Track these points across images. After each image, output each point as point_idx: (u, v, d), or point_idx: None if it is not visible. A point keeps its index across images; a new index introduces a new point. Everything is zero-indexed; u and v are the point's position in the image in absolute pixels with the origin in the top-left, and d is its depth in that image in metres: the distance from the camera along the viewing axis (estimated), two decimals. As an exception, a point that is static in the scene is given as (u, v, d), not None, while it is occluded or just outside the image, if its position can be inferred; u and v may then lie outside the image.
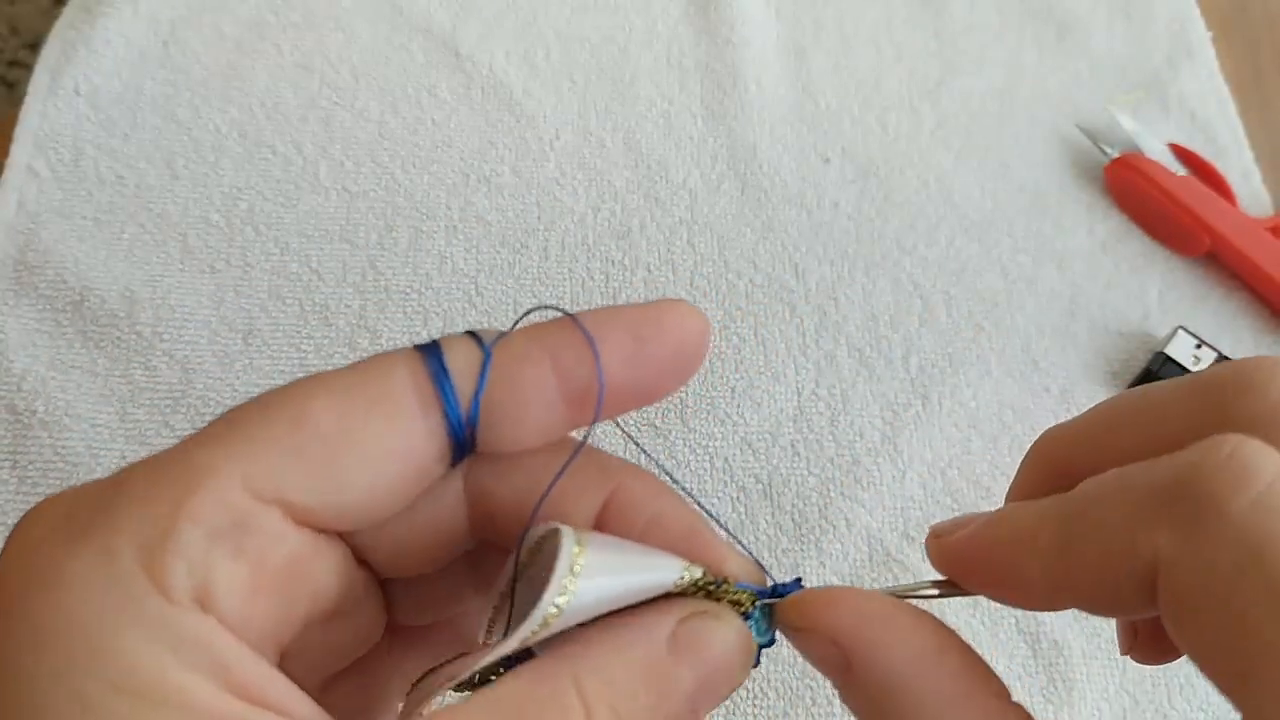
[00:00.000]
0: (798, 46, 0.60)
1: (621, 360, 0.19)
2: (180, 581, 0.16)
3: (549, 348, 0.19)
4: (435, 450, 0.18)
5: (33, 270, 0.48)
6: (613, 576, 0.18)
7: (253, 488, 0.17)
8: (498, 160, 0.54)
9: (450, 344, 0.19)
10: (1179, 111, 0.58)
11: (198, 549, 0.16)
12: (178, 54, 0.56)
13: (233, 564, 0.16)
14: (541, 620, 0.17)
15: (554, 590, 0.17)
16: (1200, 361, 0.47)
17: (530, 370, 0.19)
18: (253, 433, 0.17)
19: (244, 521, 0.17)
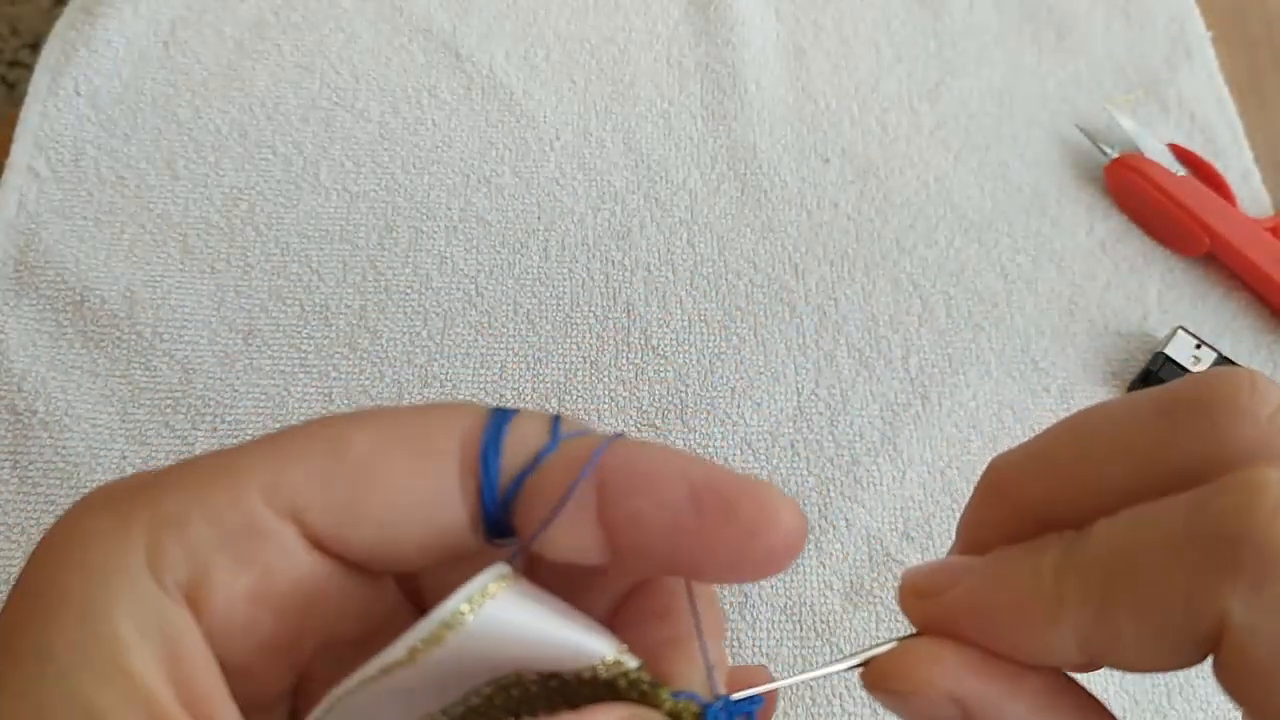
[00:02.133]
0: (797, 47, 0.60)
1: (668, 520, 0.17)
2: (175, 569, 0.16)
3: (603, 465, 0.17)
4: (465, 518, 0.17)
5: (33, 270, 0.48)
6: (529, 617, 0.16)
7: (271, 499, 0.17)
8: (498, 161, 0.54)
9: (524, 417, 0.18)
10: (1178, 112, 0.58)
11: (201, 543, 0.16)
12: (178, 54, 0.56)
13: (235, 568, 0.16)
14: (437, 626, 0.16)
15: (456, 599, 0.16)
16: (1200, 361, 0.47)
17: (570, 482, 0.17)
18: (287, 447, 0.17)
19: (256, 529, 0.16)
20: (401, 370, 0.47)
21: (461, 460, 0.17)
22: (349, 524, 0.17)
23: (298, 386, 0.46)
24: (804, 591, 0.43)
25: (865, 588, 0.43)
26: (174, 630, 0.16)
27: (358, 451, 0.17)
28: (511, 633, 0.16)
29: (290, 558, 0.17)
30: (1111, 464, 0.18)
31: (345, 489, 0.17)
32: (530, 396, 0.47)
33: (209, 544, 0.16)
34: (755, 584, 0.43)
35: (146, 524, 0.16)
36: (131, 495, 0.17)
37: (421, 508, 0.17)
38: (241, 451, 0.17)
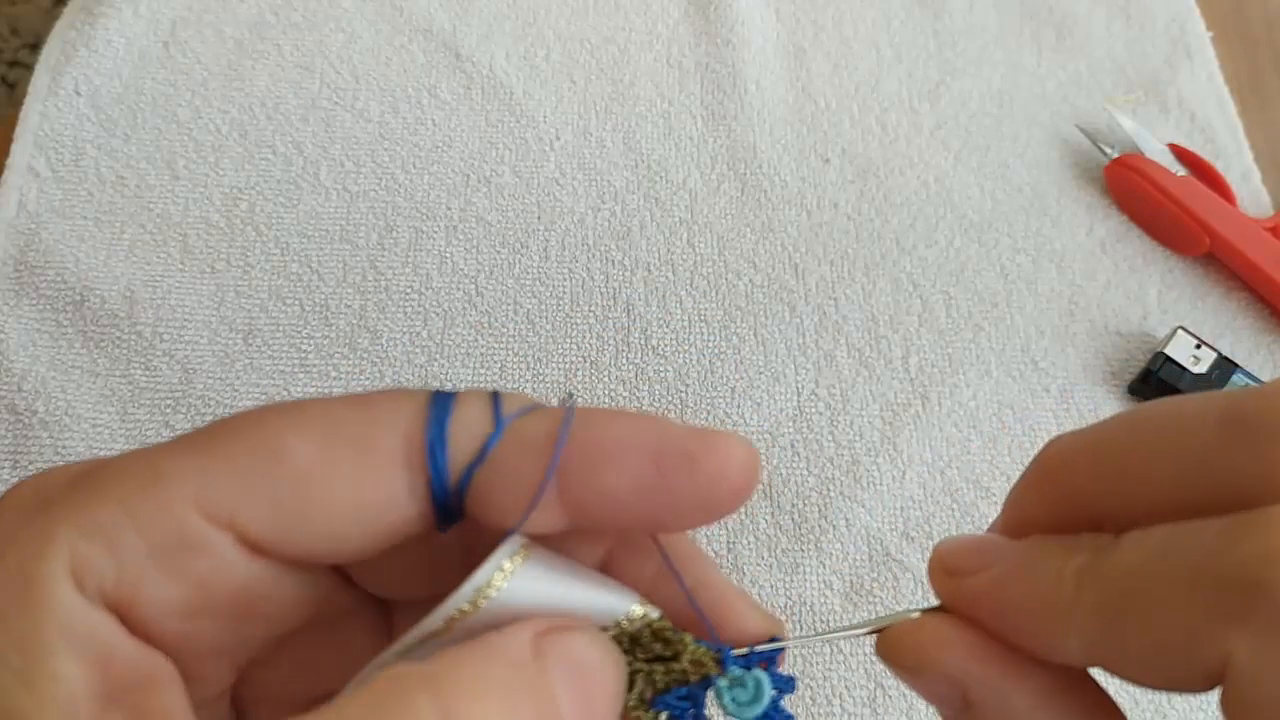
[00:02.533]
0: (797, 47, 0.60)
1: (630, 487, 0.17)
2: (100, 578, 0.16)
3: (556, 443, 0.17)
4: (415, 510, 0.17)
5: (33, 270, 0.48)
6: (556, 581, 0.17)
7: (206, 508, 0.16)
8: (498, 161, 0.54)
9: (464, 402, 0.17)
10: (1178, 112, 0.58)
11: (131, 555, 0.16)
12: (178, 54, 0.56)
13: (168, 581, 0.16)
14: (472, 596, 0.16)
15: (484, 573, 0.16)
16: (1200, 362, 0.47)
17: (525, 465, 0.17)
18: (221, 451, 0.16)
19: (188, 541, 0.16)
20: (401, 370, 0.47)
21: (407, 456, 0.17)
22: (292, 531, 0.16)
23: (298, 386, 0.46)
24: (804, 591, 0.43)
25: (865, 587, 0.43)
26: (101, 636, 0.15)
27: (298, 459, 0.16)
28: (539, 598, 0.17)
29: (227, 567, 0.16)
30: (1164, 467, 0.17)
31: (287, 498, 0.16)
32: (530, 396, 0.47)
33: (139, 555, 0.16)
34: (754, 585, 0.43)
35: (70, 531, 0.15)
36: (55, 502, 0.16)
37: (368, 510, 0.17)
38: (169, 453, 0.16)
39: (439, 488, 0.17)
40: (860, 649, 0.42)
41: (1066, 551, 0.17)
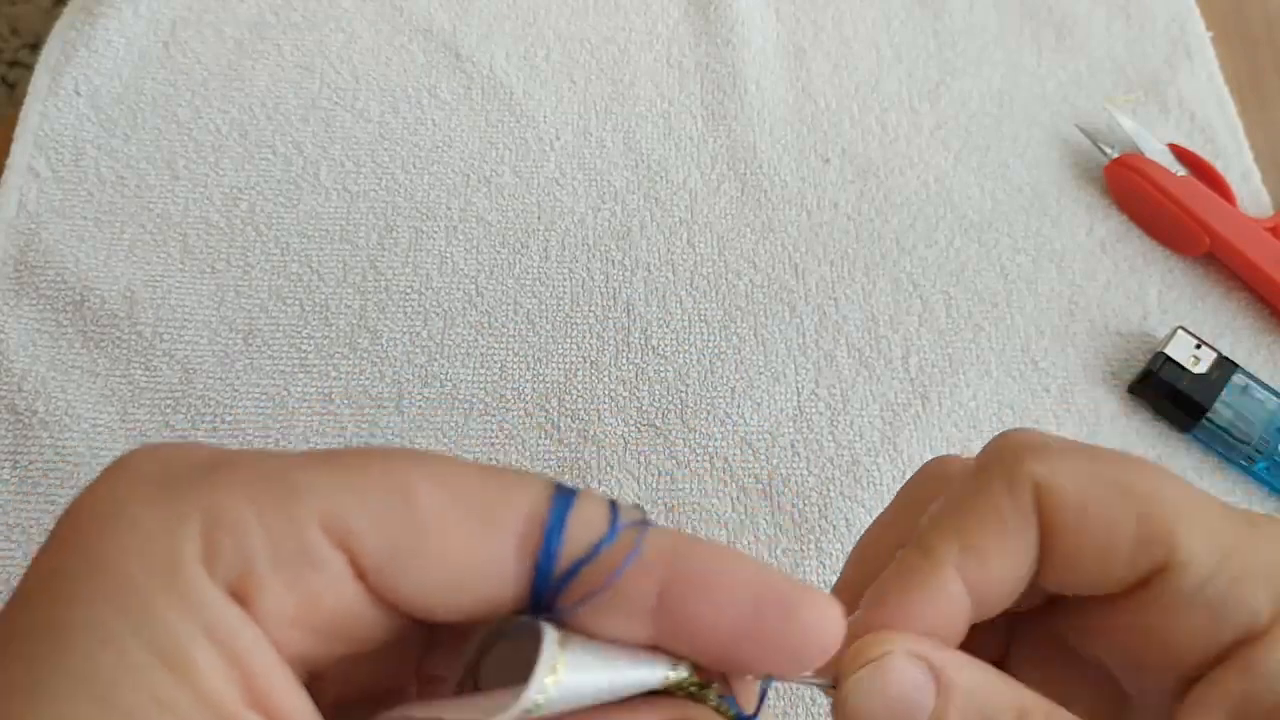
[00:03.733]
0: (797, 47, 0.60)
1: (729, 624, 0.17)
2: (229, 571, 0.16)
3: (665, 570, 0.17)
4: (514, 590, 0.17)
5: (33, 270, 0.48)
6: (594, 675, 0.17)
7: (329, 526, 0.16)
8: (498, 161, 0.54)
9: (584, 501, 0.18)
10: (1178, 112, 0.58)
11: (256, 558, 0.16)
12: (178, 54, 0.56)
13: (283, 591, 0.16)
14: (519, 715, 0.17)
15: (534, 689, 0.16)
16: (1200, 362, 0.47)
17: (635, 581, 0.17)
18: (350, 477, 0.17)
19: (309, 556, 0.16)
20: (402, 370, 0.47)
21: (522, 537, 0.17)
22: (401, 574, 0.17)
23: (298, 386, 0.46)
24: (804, 591, 0.43)
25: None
26: (235, 630, 0.16)
27: (424, 505, 0.17)
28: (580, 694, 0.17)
29: (337, 587, 0.17)
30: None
31: (406, 541, 0.17)
32: (530, 396, 0.47)
33: (263, 558, 0.16)
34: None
35: (201, 520, 0.16)
36: (185, 484, 0.16)
37: (474, 576, 0.17)
38: (301, 465, 0.17)
39: (543, 577, 0.17)
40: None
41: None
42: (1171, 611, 0.21)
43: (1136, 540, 0.21)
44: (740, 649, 0.17)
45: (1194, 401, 0.47)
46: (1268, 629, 0.20)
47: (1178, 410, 0.47)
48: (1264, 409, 0.47)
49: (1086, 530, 0.21)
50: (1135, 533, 0.21)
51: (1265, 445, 0.46)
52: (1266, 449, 0.46)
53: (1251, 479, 0.47)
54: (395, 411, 0.46)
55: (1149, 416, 0.49)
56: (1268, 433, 0.46)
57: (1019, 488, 0.22)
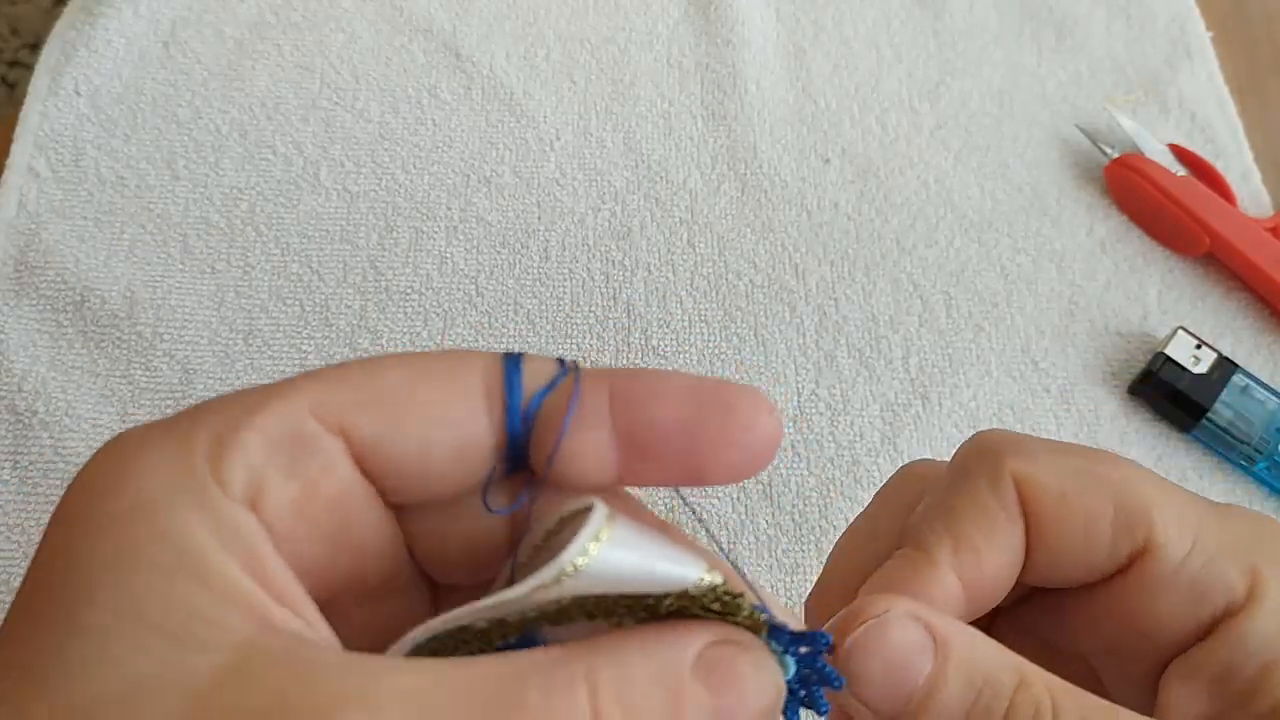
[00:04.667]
0: (797, 47, 0.60)
1: (675, 422, 0.19)
2: (237, 479, 0.17)
3: (612, 379, 0.19)
4: (490, 441, 0.19)
5: (33, 271, 0.48)
6: (634, 555, 0.18)
7: (319, 413, 0.18)
8: (498, 161, 0.54)
9: (532, 359, 0.20)
10: (1178, 112, 0.58)
11: (257, 455, 0.17)
12: (178, 54, 0.56)
13: (286, 479, 0.17)
14: (556, 575, 0.17)
15: (576, 549, 0.17)
16: (1200, 362, 0.47)
17: (588, 396, 0.19)
18: (328, 375, 0.18)
19: (305, 440, 0.18)
20: (402, 370, 0.47)
21: (486, 388, 0.19)
22: (389, 439, 0.18)
23: (298, 387, 0.46)
24: (804, 592, 0.43)
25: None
26: (249, 535, 0.17)
27: (393, 379, 0.18)
28: (619, 569, 0.18)
29: (334, 470, 0.18)
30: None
31: (387, 407, 0.18)
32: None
33: (263, 454, 0.17)
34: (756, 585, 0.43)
35: (205, 440, 0.17)
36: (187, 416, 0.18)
37: (452, 426, 0.19)
38: (286, 380, 0.18)
39: (513, 412, 0.19)
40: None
41: None
42: (1153, 593, 0.22)
43: (1116, 526, 0.22)
44: (692, 454, 0.19)
45: (1194, 402, 0.47)
46: (1244, 604, 0.21)
47: (1178, 410, 0.47)
48: (1264, 409, 0.47)
49: (1069, 519, 0.22)
50: (1115, 519, 0.22)
51: (1265, 445, 0.46)
52: (1266, 449, 0.46)
53: (1251, 479, 0.47)
54: (395, 412, 0.46)
55: (1149, 416, 0.49)
56: (1268, 433, 0.46)
57: (1002, 483, 0.22)
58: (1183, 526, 0.22)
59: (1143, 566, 0.22)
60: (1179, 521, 0.22)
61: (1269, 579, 0.21)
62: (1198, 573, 0.21)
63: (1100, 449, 0.24)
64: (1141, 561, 0.22)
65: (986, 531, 0.22)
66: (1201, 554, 0.22)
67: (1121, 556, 0.22)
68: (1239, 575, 0.21)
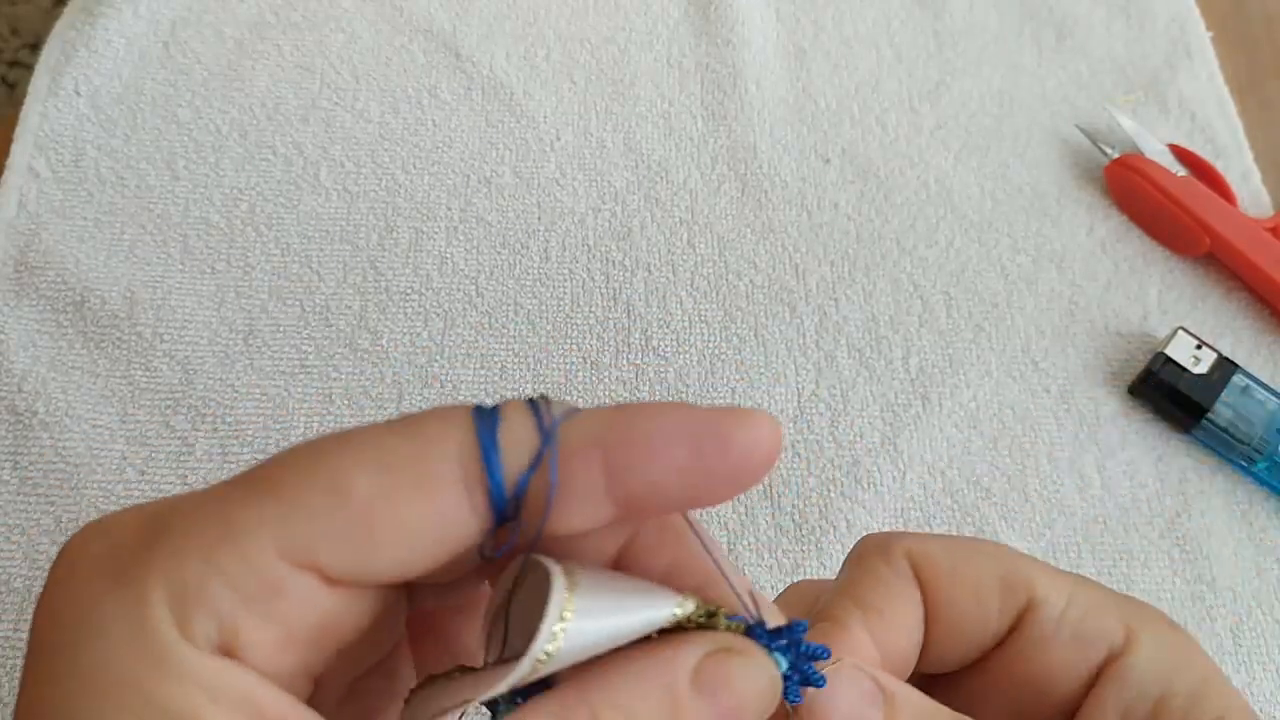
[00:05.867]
0: (797, 47, 0.60)
1: (674, 473, 0.18)
2: (207, 633, 0.16)
3: (603, 444, 0.18)
4: (476, 526, 0.18)
5: (33, 271, 0.48)
6: (604, 620, 0.18)
7: (287, 553, 0.17)
8: (498, 161, 0.54)
9: (508, 414, 0.18)
10: (1178, 112, 0.58)
11: (227, 607, 0.16)
12: (178, 55, 0.56)
13: (262, 625, 0.17)
14: (529, 668, 0.17)
15: (543, 638, 0.17)
16: (1200, 362, 0.47)
17: (578, 467, 0.18)
18: (290, 496, 0.17)
19: (276, 586, 0.17)
20: (402, 371, 0.47)
21: (463, 476, 0.18)
22: (366, 563, 0.17)
23: (298, 387, 0.46)
24: (804, 592, 0.43)
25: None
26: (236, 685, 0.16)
27: (360, 491, 0.17)
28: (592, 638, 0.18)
29: (311, 602, 0.17)
30: None
31: (358, 533, 0.17)
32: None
33: (233, 605, 0.16)
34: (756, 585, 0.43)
35: (166, 591, 0.16)
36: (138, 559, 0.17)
37: (433, 531, 0.18)
38: (240, 501, 0.17)
39: (498, 500, 0.18)
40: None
41: None
42: (1041, 646, 0.23)
43: (1003, 588, 0.24)
44: (694, 490, 0.18)
45: (1194, 402, 0.47)
46: (1125, 647, 0.23)
47: (1178, 410, 0.47)
48: (1264, 409, 0.47)
49: (960, 584, 0.24)
50: (1001, 583, 0.24)
51: (1265, 445, 0.46)
52: (1266, 449, 0.46)
53: (1251, 479, 0.47)
54: (395, 412, 0.46)
55: (1149, 416, 0.49)
56: (1268, 433, 0.46)
57: (895, 558, 0.24)
58: (1059, 587, 0.24)
59: (1029, 622, 0.23)
60: (1054, 583, 0.24)
61: (1141, 625, 0.23)
62: (1078, 624, 0.23)
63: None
64: (1027, 618, 0.23)
65: (888, 597, 0.23)
66: (1078, 607, 0.23)
67: (1010, 616, 0.24)
68: (1115, 623, 0.23)
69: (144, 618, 0.16)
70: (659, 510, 0.19)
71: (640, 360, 0.48)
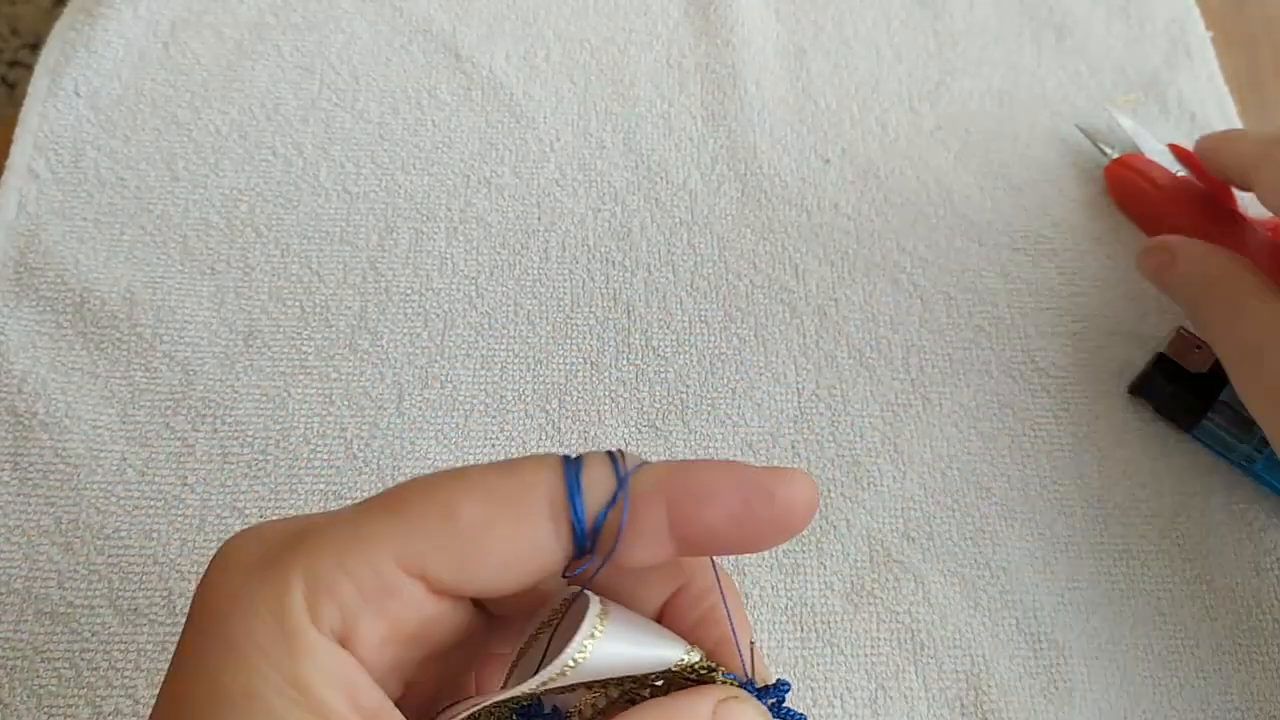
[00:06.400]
0: (797, 48, 0.60)
1: (726, 519, 0.22)
2: (332, 621, 0.20)
3: (667, 491, 0.22)
4: (560, 554, 0.22)
5: (33, 272, 0.48)
6: (625, 646, 0.21)
7: (403, 563, 0.20)
8: (498, 161, 0.54)
9: (590, 462, 0.22)
10: (1178, 112, 0.58)
11: (350, 601, 0.20)
12: (178, 55, 0.56)
13: (375, 620, 0.20)
14: (560, 670, 0.20)
15: (575, 647, 0.20)
16: (1200, 362, 0.47)
17: (645, 509, 0.22)
18: (409, 515, 0.21)
19: (390, 588, 0.20)
20: (402, 371, 0.47)
21: (551, 512, 0.21)
22: (466, 579, 0.21)
23: (298, 388, 0.46)
24: (804, 592, 0.43)
25: (866, 588, 0.43)
26: (347, 670, 0.20)
27: (468, 519, 0.21)
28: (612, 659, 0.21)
29: (417, 607, 0.21)
30: None
31: (462, 551, 0.21)
32: (530, 397, 0.47)
33: (354, 601, 0.20)
34: (756, 586, 0.43)
35: (303, 585, 0.20)
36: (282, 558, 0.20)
37: (524, 556, 0.21)
38: (368, 517, 0.21)
39: (579, 534, 0.21)
40: (861, 650, 0.42)
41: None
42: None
43: None
44: (742, 537, 0.22)
45: (1194, 402, 0.47)
46: None
47: (1178, 410, 0.47)
48: (1264, 409, 0.47)
49: None
50: None
51: (1265, 445, 0.46)
52: (1266, 449, 0.46)
53: (1251, 479, 0.47)
54: (396, 413, 0.46)
55: (1149, 416, 0.49)
56: (1268, 433, 0.46)
57: None
58: None
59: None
60: None
61: None
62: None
63: None
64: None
65: None
66: None
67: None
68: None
69: (283, 602, 0.20)
70: (711, 550, 0.22)
71: (640, 360, 0.48)
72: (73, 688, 0.40)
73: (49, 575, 0.41)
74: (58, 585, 0.41)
